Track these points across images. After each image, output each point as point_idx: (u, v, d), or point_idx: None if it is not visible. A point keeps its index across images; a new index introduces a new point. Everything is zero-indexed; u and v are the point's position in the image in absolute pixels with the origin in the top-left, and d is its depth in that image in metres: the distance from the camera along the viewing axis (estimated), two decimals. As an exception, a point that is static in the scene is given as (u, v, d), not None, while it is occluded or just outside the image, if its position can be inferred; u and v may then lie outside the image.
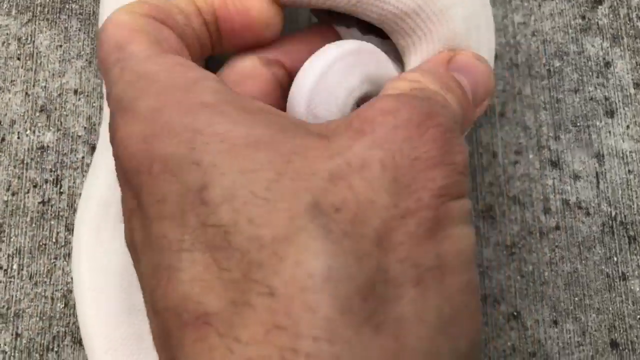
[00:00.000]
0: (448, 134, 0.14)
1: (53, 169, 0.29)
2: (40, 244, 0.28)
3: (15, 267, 0.28)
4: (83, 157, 0.29)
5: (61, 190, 0.28)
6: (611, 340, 0.26)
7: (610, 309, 0.27)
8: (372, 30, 0.21)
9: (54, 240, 0.28)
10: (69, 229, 0.28)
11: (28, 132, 0.29)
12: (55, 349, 0.27)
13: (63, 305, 0.27)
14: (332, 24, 0.20)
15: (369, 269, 0.12)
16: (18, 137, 0.29)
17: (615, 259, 0.27)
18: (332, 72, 0.18)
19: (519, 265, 0.27)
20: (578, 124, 0.29)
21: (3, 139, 0.29)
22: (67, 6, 0.30)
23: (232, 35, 0.18)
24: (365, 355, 0.11)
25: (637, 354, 0.26)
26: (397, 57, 0.21)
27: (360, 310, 0.11)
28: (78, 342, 0.27)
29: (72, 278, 0.28)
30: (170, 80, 0.14)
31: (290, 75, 0.19)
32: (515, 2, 0.30)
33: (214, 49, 0.18)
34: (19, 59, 0.30)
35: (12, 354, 0.27)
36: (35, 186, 0.29)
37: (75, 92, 0.30)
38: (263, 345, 0.11)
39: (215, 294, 0.12)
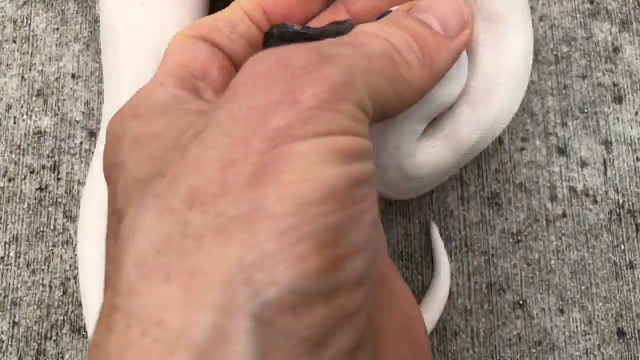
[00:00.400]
0: (298, 71, 0.14)
1: (50, 155, 0.28)
2: (38, 231, 0.27)
3: (12, 254, 0.27)
4: (81, 143, 0.28)
5: (59, 177, 0.28)
6: (618, 329, 0.26)
7: (617, 297, 0.26)
8: None
9: (51, 227, 0.27)
10: (67, 215, 0.27)
11: (25, 116, 0.29)
12: (54, 338, 0.26)
13: (61, 293, 0.27)
14: None
15: (167, 224, 0.13)
16: (14, 122, 0.28)
17: (622, 247, 0.27)
18: None
19: (525, 253, 0.27)
20: (586, 110, 0.28)
21: (-1, 124, 0.28)
22: (64, -12, 0.30)
23: (283, 20, 0.19)
24: (151, 304, 0.12)
25: (643, 343, 0.26)
26: None
27: (152, 262, 0.13)
28: (77, 330, 0.26)
29: (70, 266, 0.27)
30: (134, 99, 0.16)
31: None
32: (523, -14, 0.29)
33: None
34: (14, 42, 0.29)
35: (10, 342, 0.26)
36: (32, 172, 0.28)
37: (73, 76, 0.29)
38: (105, 304, 0.13)
39: (110, 267, 0.14)
